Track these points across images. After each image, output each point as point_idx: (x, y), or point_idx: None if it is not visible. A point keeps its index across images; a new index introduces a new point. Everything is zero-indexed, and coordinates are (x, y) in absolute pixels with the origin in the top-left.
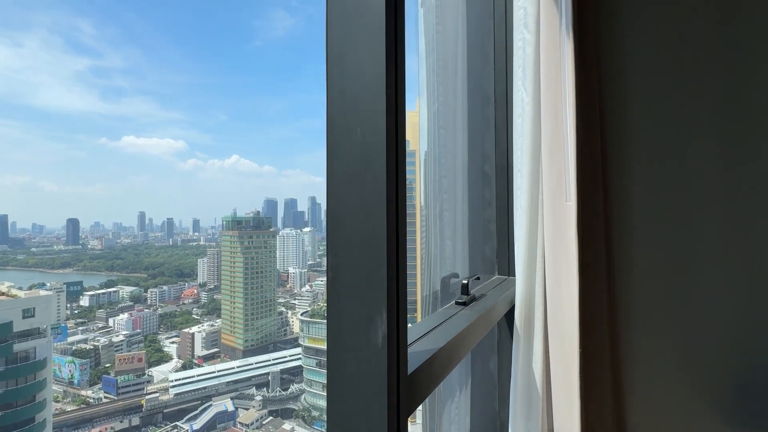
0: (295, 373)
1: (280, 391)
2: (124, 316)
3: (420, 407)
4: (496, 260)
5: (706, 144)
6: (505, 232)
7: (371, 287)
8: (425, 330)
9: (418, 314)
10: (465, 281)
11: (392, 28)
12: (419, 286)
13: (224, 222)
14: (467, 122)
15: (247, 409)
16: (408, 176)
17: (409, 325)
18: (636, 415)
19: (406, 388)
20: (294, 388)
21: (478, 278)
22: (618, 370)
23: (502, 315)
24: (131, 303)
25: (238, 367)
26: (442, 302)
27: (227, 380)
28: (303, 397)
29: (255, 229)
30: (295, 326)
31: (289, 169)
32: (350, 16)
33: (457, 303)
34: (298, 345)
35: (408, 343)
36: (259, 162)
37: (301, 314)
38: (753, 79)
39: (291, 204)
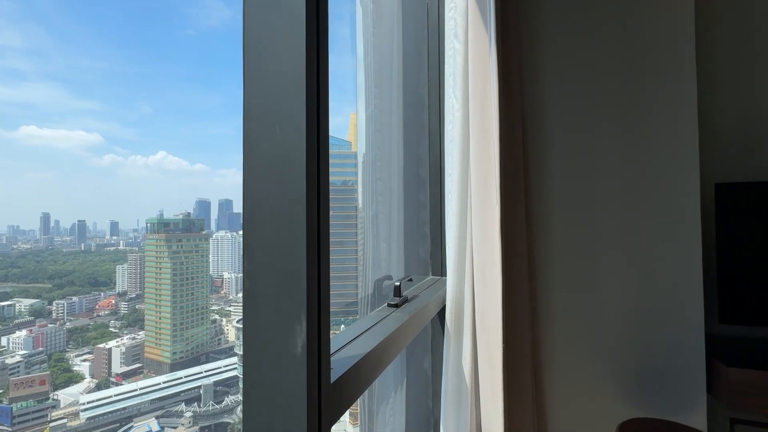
0: (231, 384)
1: (213, 405)
2: (22, 333)
3: (359, 410)
4: (430, 261)
5: (608, 156)
6: (439, 234)
7: (290, 294)
8: (354, 335)
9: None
10: (397, 283)
11: (314, 22)
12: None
13: (149, 224)
14: (402, 126)
15: (175, 428)
16: (349, 178)
17: (340, 330)
18: (553, 403)
19: (329, 397)
20: (229, 400)
21: (411, 280)
22: (537, 363)
23: (434, 315)
24: (31, 318)
25: (164, 382)
26: (377, 305)
27: (151, 398)
28: (239, 409)
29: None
30: (231, 334)
31: (224, 169)
32: (270, 8)
33: (389, 305)
34: (234, 354)
35: (335, 350)
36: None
37: (237, 321)
38: (649, 101)
39: (226, 205)
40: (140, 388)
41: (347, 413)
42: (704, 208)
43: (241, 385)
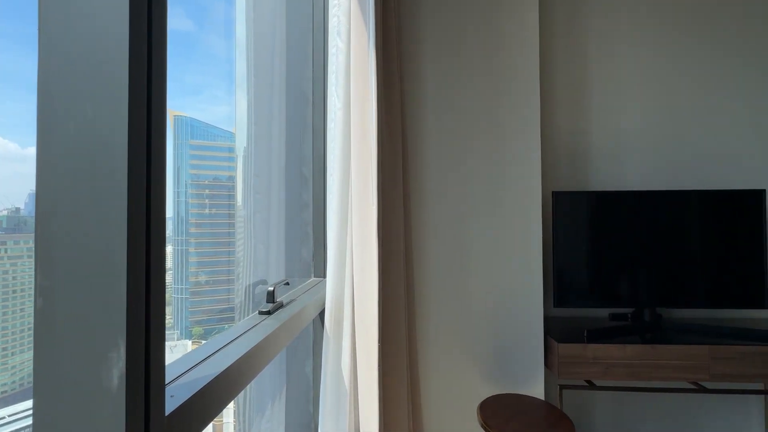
0: None
1: None
2: None
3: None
4: (312, 263)
5: (475, 166)
6: (322, 235)
7: (104, 314)
8: (211, 351)
9: None
10: (271, 288)
11: None
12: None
13: None
14: (285, 121)
15: None
16: (228, 173)
17: (194, 347)
18: (427, 392)
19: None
20: None
21: (287, 283)
22: (413, 357)
23: (313, 318)
24: None
25: None
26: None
27: None
28: None
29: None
30: None
31: None
32: None
33: (260, 313)
34: None
35: (182, 372)
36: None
37: None
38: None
39: None
40: None
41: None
42: (545, 213)
43: None
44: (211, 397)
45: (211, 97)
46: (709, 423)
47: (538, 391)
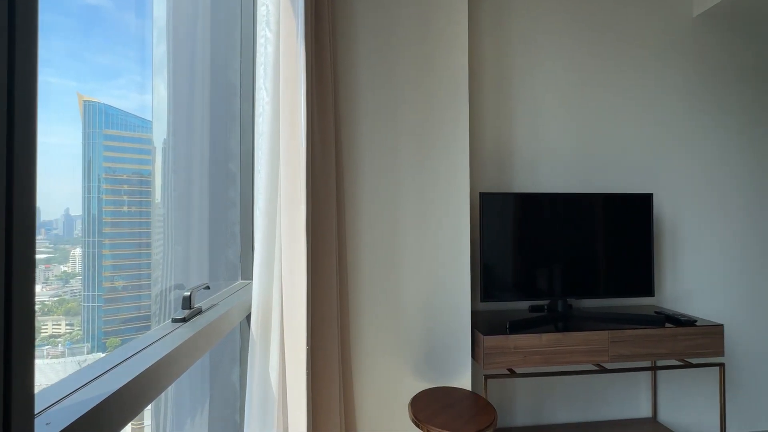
0: None
1: None
2: None
3: None
4: (240, 264)
5: (409, 163)
6: (250, 235)
7: None
8: (106, 367)
9: None
10: (187, 293)
11: None
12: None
13: None
14: (209, 113)
15: None
16: (145, 167)
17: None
18: (360, 392)
19: None
20: None
21: (208, 287)
22: (346, 358)
23: (238, 323)
24: None
25: None
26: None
27: None
28: None
29: None
30: None
31: None
32: None
33: (173, 320)
34: None
35: (66, 394)
36: None
37: None
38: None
39: None
40: None
41: None
42: (472, 213)
43: None
44: (102, 420)
45: (131, 82)
46: (609, 398)
47: (466, 382)
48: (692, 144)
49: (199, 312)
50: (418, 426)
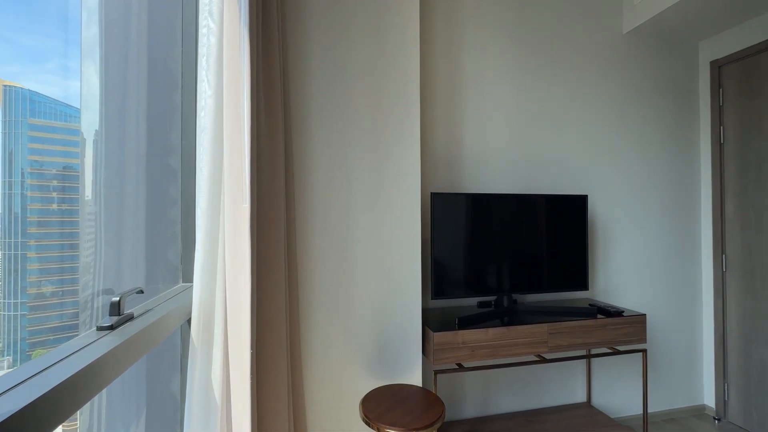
0: None
1: None
2: None
3: None
4: (181, 266)
5: (361, 163)
6: (192, 235)
7: None
8: (13, 383)
9: None
10: (116, 298)
11: None
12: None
13: None
14: (147, 104)
15: None
16: (74, 161)
17: None
18: (310, 394)
19: None
20: None
21: (141, 291)
22: (297, 360)
23: (176, 329)
24: None
25: None
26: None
27: None
28: None
29: None
30: None
31: None
32: None
33: (99, 329)
34: None
35: None
36: None
37: None
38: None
39: None
40: None
41: None
42: (424, 213)
43: None
44: None
45: (58, 67)
46: (549, 386)
47: (416, 379)
48: (620, 150)
49: (130, 318)
50: (369, 425)
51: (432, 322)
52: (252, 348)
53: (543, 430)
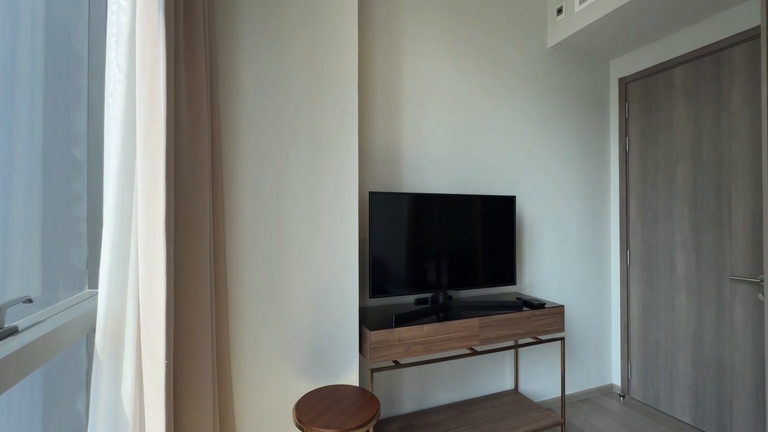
0: None
1: None
2: None
3: None
4: (87, 271)
5: (297, 161)
6: (101, 236)
7: None
8: None
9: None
10: None
11: None
12: None
13: None
14: (44, 86)
15: None
16: None
17: None
18: (240, 400)
19: None
20: None
21: (30, 300)
22: (225, 365)
23: (77, 341)
24: None
25: None
26: None
27: None
28: None
29: None
30: None
31: None
32: None
33: None
34: None
35: None
36: None
37: None
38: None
39: None
40: None
41: None
42: (362, 212)
43: None
44: None
45: None
46: (481, 377)
47: (353, 378)
48: (543, 155)
49: (14, 332)
50: (302, 430)
51: (369, 321)
52: (167, 358)
53: (475, 418)
